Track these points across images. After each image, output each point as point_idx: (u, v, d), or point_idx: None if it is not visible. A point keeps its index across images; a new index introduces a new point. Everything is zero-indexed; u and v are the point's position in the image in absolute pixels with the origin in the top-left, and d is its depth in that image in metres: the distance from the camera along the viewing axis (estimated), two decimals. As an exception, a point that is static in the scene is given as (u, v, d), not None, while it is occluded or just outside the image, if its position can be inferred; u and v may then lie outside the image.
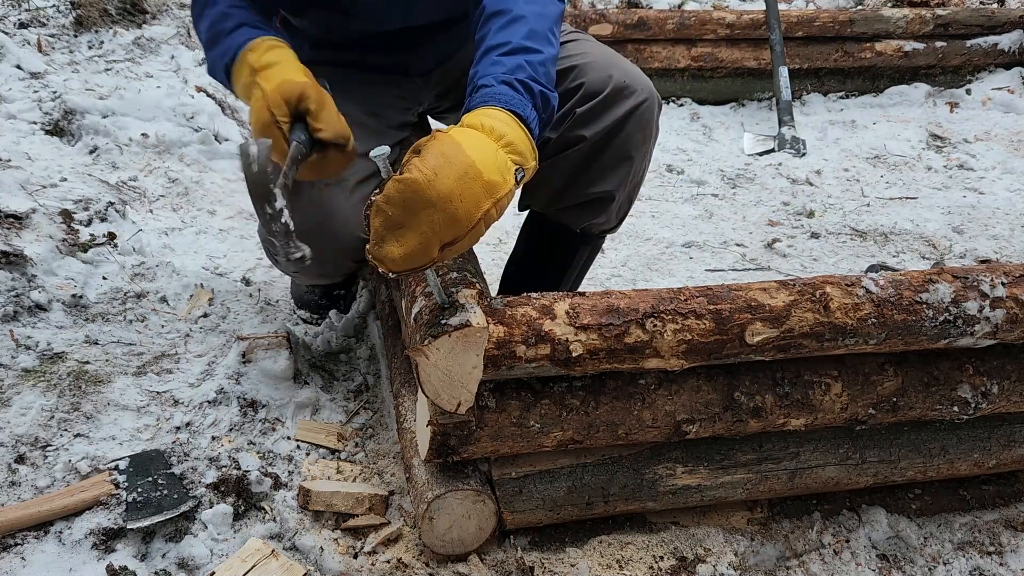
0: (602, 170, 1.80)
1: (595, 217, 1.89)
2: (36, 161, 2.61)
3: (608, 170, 1.80)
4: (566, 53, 1.80)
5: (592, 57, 1.79)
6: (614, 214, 1.91)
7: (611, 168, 1.80)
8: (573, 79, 1.77)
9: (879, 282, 1.50)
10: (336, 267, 1.81)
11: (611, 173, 1.81)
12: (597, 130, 1.75)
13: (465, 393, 1.36)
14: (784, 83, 4.08)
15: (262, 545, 1.51)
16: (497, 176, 1.25)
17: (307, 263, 1.40)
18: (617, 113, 1.74)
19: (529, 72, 1.41)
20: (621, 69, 1.77)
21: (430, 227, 1.20)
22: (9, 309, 1.97)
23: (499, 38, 1.45)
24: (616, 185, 1.82)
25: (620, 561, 1.58)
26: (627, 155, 1.79)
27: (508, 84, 1.38)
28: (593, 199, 1.85)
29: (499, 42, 1.45)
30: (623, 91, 1.74)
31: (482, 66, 1.44)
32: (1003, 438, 1.72)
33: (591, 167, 1.80)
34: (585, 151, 1.77)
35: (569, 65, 1.78)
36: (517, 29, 1.47)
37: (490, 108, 1.35)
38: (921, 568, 1.66)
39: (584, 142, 1.76)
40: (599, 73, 1.76)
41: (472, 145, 1.25)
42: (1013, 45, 4.51)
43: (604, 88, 1.74)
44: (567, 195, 1.86)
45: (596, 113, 1.74)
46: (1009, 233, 3.17)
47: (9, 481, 1.60)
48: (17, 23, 3.21)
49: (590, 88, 1.75)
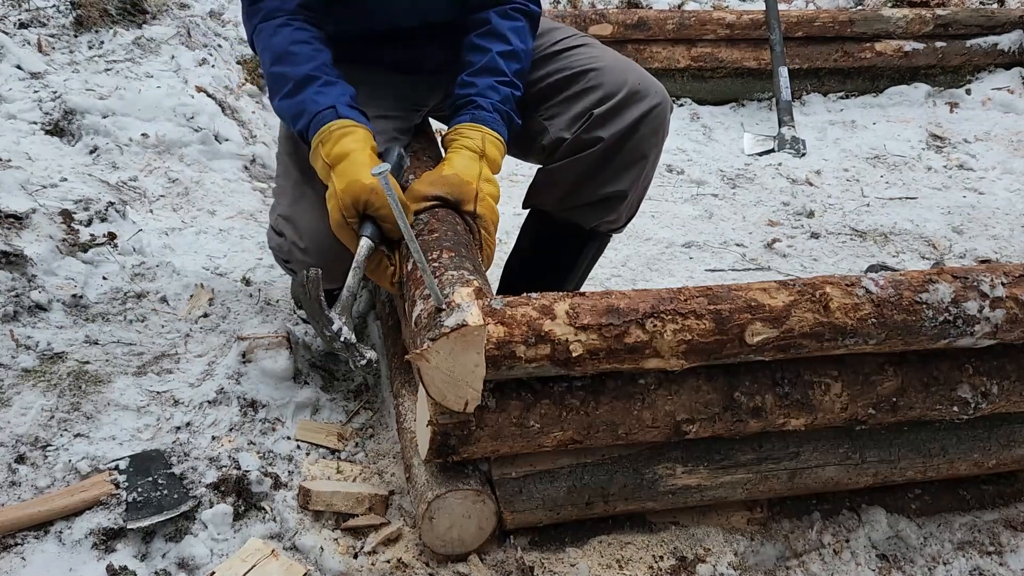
0: (617, 170, 1.88)
1: (607, 215, 1.95)
2: (36, 161, 2.61)
3: (623, 170, 1.88)
4: (580, 57, 1.93)
5: (607, 62, 1.91)
6: (624, 213, 1.98)
7: (625, 168, 1.88)
8: (588, 81, 1.88)
9: (879, 282, 1.50)
10: (339, 268, 1.81)
11: (625, 172, 1.89)
12: (614, 131, 1.84)
13: (471, 392, 1.36)
14: (784, 83, 4.08)
15: (262, 545, 1.51)
16: (473, 181, 1.71)
17: (375, 367, 1.64)
18: (633, 115, 1.84)
19: (512, 105, 1.82)
20: (636, 73, 1.89)
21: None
22: (9, 309, 1.97)
23: (499, 65, 1.80)
24: (629, 184, 1.90)
25: (620, 561, 1.58)
26: (642, 155, 1.88)
27: (499, 112, 1.78)
28: (606, 198, 1.92)
29: (500, 70, 1.80)
30: (638, 94, 1.85)
31: (481, 83, 1.79)
32: (1003, 438, 1.72)
33: (607, 167, 1.88)
34: (601, 152, 1.85)
35: (584, 68, 1.90)
36: (512, 64, 1.82)
37: (481, 127, 1.76)
38: (921, 568, 1.66)
39: (601, 143, 1.84)
40: (615, 77, 1.87)
41: (464, 166, 1.71)
42: (1013, 45, 4.51)
43: (620, 90, 1.84)
44: (580, 194, 1.92)
45: (613, 114, 1.84)
46: (1009, 233, 3.17)
47: (9, 481, 1.60)
48: (17, 23, 3.20)
49: (607, 91, 1.85)
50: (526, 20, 1.89)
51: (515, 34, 1.85)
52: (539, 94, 1.96)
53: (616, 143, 1.84)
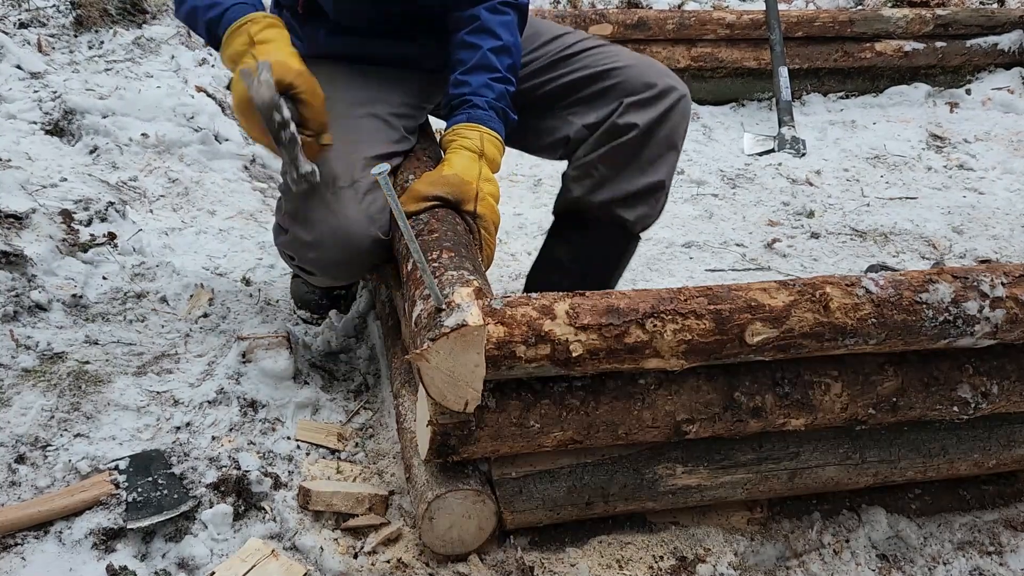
0: (652, 159, 1.94)
1: (648, 208, 1.99)
2: (36, 161, 2.61)
3: (657, 158, 1.94)
4: (599, 57, 1.99)
5: (633, 60, 1.99)
6: (660, 207, 2.03)
7: (660, 156, 1.94)
8: (613, 78, 1.95)
9: (879, 282, 1.50)
10: (351, 270, 1.84)
11: (660, 161, 1.95)
12: (647, 119, 1.90)
13: (471, 392, 1.36)
14: (784, 83, 4.07)
15: (262, 545, 1.51)
16: (473, 180, 1.73)
17: (316, 179, 1.65)
18: (664, 104, 1.92)
19: (507, 101, 1.84)
20: (658, 68, 1.99)
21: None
22: (9, 309, 1.97)
23: (492, 61, 1.82)
24: (666, 175, 1.97)
25: (620, 561, 1.58)
26: (673, 144, 1.96)
27: (494, 110, 1.81)
28: (648, 188, 1.96)
29: (493, 66, 1.82)
30: (665, 87, 1.93)
31: (475, 82, 1.81)
32: (1003, 438, 1.72)
33: (642, 154, 1.93)
34: (637, 138, 1.91)
35: (608, 67, 1.96)
36: (504, 59, 1.84)
37: (479, 126, 1.78)
38: (921, 568, 1.66)
39: (636, 129, 1.90)
40: (643, 70, 1.96)
41: (463, 166, 1.74)
42: (1013, 45, 4.51)
43: (648, 84, 1.93)
44: (620, 184, 1.95)
45: (644, 104, 1.91)
46: (1009, 233, 3.17)
47: (9, 481, 1.60)
48: (17, 23, 3.21)
49: (635, 85, 1.93)
50: (515, 13, 1.90)
51: (505, 28, 1.86)
52: (558, 92, 1.99)
53: (649, 129, 1.91)
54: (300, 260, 1.80)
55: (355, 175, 1.76)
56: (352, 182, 1.75)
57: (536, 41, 2.05)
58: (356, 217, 1.72)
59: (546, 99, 2.01)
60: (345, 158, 1.78)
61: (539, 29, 2.09)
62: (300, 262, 1.81)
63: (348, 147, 1.80)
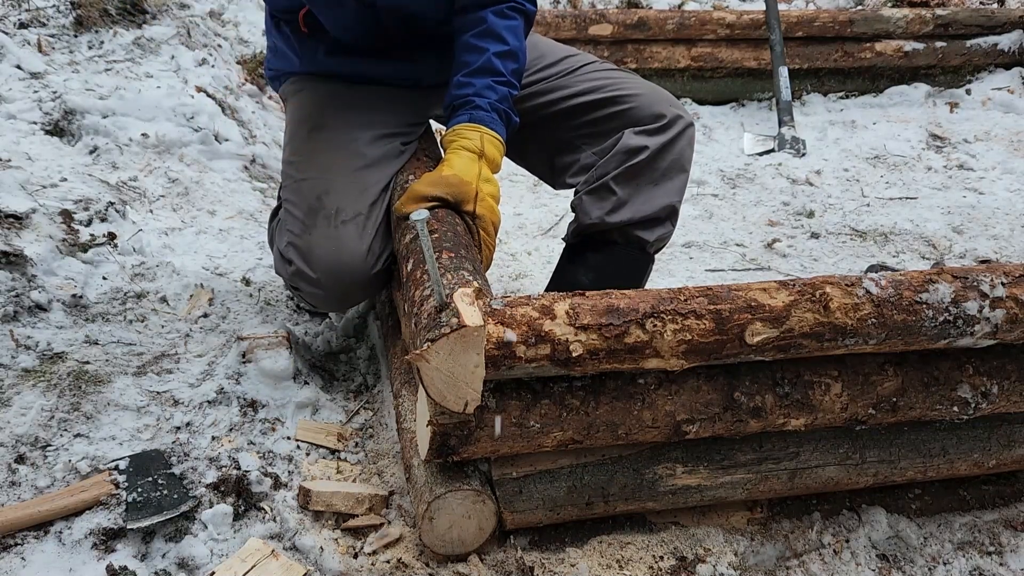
0: (665, 179, 1.96)
1: (665, 228, 2.01)
2: (36, 161, 2.61)
3: (667, 180, 1.97)
4: (615, 80, 2.03)
5: (642, 88, 2.03)
6: (673, 228, 2.06)
7: (670, 178, 1.97)
8: (623, 104, 1.98)
9: (879, 282, 1.50)
10: (347, 298, 1.90)
11: (670, 184, 1.97)
12: (657, 142, 1.93)
13: (471, 392, 1.36)
14: (784, 83, 4.08)
15: (262, 545, 1.51)
16: (472, 181, 1.75)
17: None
18: (672, 132, 1.96)
19: (509, 104, 1.85)
20: (668, 98, 2.03)
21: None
22: (9, 309, 1.97)
23: (496, 65, 1.83)
24: (676, 197, 1.99)
25: (620, 561, 1.58)
26: (682, 166, 1.99)
27: (496, 111, 1.81)
28: (662, 209, 1.97)
29: (497, 70, 1.83)
30: (674, 116, 1.98)
31: (479, 83, 1.82)
32: (1003, 438, 1.72)
33: (654, 174, 1.96)
34: (648, 159, 1.93)
35: (619, 94, 1.99)
36: (508, 64, 1.84)
37: (480, 127, 1.79)
38: (921, 568, 1.66)
39: (647, 150, 1.93)
40: (653, 98, 2.00)
41: (463, 167, 1.75)
42: (1013, 45, 4.51)
43: (659, 112, 1.97)
44: (635, 205, 1.96)
45: (656, 129, 1.95)
46: (1009, 233, 3.17)
47: (9, 481, 1.60)
48: (17, 23, 3.20)
49: (648, 112, 1.97)
50: (521, 19, 1.90)
51: (511, 33, 1.86)
52: (565, 114, 2.00)
53: (660, 151, 1.93)
54: (303, 292, 1.88)
55: (359, 208, 1.80)
56: (355, 215, 1.80)
57: (540, 63, 2.06)
58: (358, 251, 1.78)
59: (552, 120, 2.02)
60: (349, 189, 1.82)
61: (543, 51, 2.10)
62: (303, 294, 1.89)
63: (351, 177, 1.84)
